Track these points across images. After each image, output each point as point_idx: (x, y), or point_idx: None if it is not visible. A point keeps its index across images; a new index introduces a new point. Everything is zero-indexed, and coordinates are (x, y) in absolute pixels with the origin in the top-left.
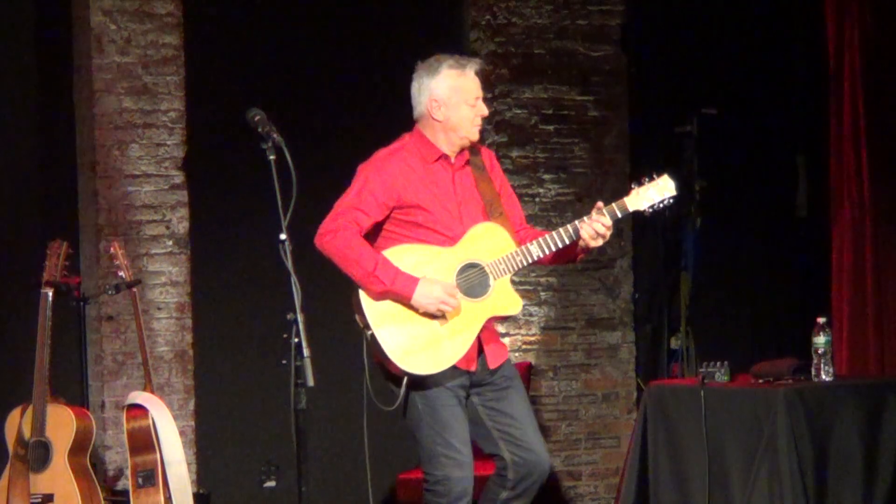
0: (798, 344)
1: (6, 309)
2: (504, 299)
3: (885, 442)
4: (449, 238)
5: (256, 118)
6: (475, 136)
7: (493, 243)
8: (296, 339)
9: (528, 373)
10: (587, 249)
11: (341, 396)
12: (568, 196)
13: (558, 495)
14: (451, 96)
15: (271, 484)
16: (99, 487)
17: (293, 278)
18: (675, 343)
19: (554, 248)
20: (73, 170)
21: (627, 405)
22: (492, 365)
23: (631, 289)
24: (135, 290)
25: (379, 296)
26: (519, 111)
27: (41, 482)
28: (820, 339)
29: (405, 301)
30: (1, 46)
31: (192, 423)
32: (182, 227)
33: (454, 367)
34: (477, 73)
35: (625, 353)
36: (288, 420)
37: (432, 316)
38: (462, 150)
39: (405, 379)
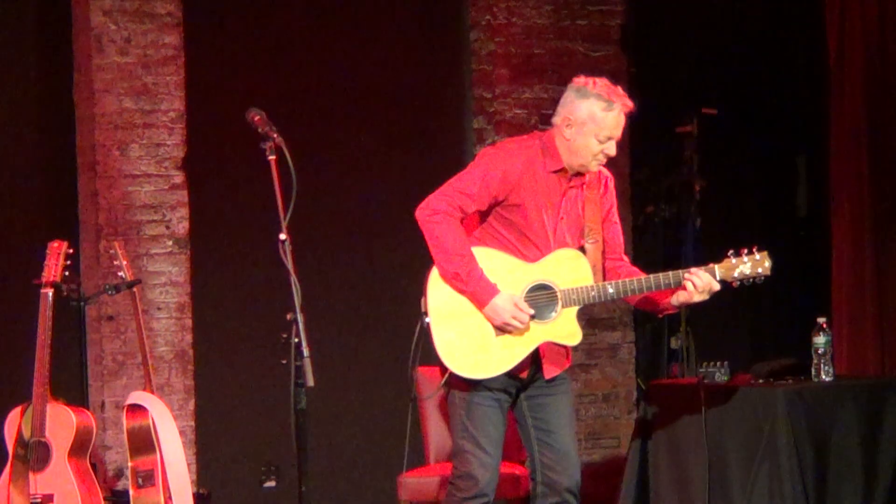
0: (798, 344)
1: (6, 309)
2: (565, 328)
3: (885, 442)
4: (536, 248)
5: (256, 118)
6: (593, 170)
7: (572, 271)
8: (296, 339)
9: None
10: (679, 304)
11: (341, 396)
12: None
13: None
14: (585, 123)
15: (271, 484)
16: (99, 487)
17: (293, 278)
18: (675, 343)
19: (631, 294)
20: (73, 170)
21: (627, 405)
22: (547, 376)
23: None
24: (135, 290)
25: (455, 290)
26: (519, 111)
27: (41, 482)
28: (820, 339)
29: (476, 306)
30: (1, 46)
31: (192, 423)
32: (182, 227)
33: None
34: (625, 115)
35: (625, 353)
36: (288, 420)
37: (493, 324)
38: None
39: (446, 374)
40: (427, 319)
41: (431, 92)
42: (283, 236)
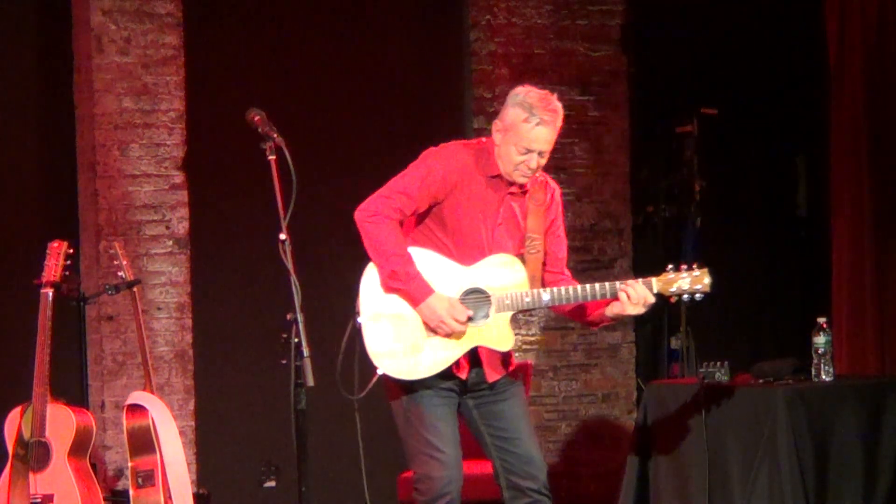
0: (798, 344)
1: (6, 309)
2: (498, 334)
3: (885, 442)
4: (472, 252)
5: (256, 118)
6: (518, 181)
7: (507, 277)
8: (296, 339)
9: (528, 373)
10: (614, 317)
11: (341, 396)
12: (568, 196)
13: (558, 495)
14: (508, 130)
15: (271, 484)
16: (99, 487)
17: (293, 278)
18: (675, 343)
19: (565, 302)
20: (73, 170)
21: (627, 405)
22: (489, 380)
23: None
24: (135, 290)
25: (386, 288)
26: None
27: (41, 482)
28: (820, 339)
29: (411, 304)
30: (1, 46)
31: (192, 423)
32: (182, 227)
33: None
34: (552, 129)
35: (625, 353)
36: (288, 420)
37: (426, 325)
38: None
39: (376, 375)
40: (359, 320)
41: (431, 92)
42: (283, 236)
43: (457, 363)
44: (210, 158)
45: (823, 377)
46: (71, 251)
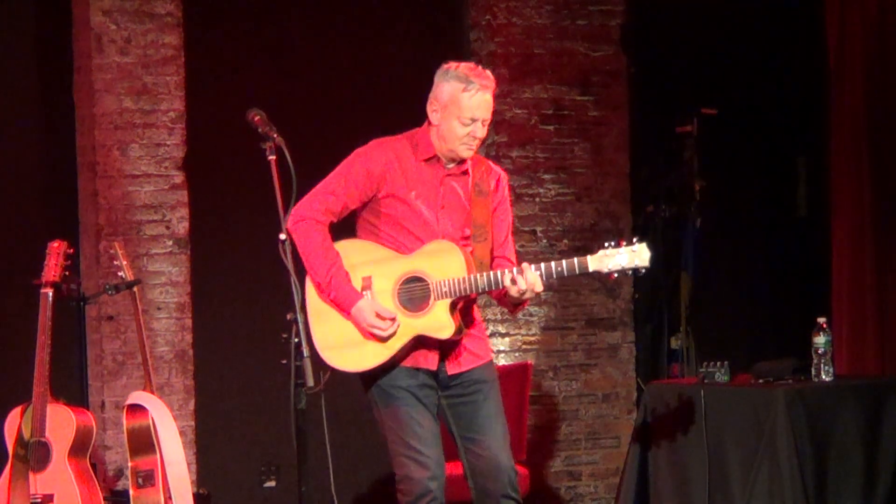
0: (798, 344)
1: (6, 309)
2: (437, 321)
3: (885, 442)
4: (417, 239)
5: (256, 118)
6: (464, 155)
7: (446, 263)
8: (296, 339)
9: (527, 373)
10: (513, 302)
11: (341, 396)
12: (568, 196)
13: (558, 495)
14: (447, 105)
15: (271, 484)
16: (99, 487)
17: (293, 278)
18: (675, 343)
19: (498, 287)
20: (73, 170)
21: (627, 405)
22: (449, 371)
23: (631, 289)
24: (135, 290)
25: (323, 300)
26: (519, 111)
27: (41, 482)
28: (820, 339)
29: (341, 313)
30: (1, 46)
31: (192, 423)
32: (182, 227)
33: (407, 368)
34: (490, 95)
35: (625, 353)
36: (288, 420)
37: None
38: (461, 161)
39: (328, 371)
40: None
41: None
42: (283, 236)
43: (423, 355)
44: (210, 158)
45: (823, 377)
46: (71, 251)
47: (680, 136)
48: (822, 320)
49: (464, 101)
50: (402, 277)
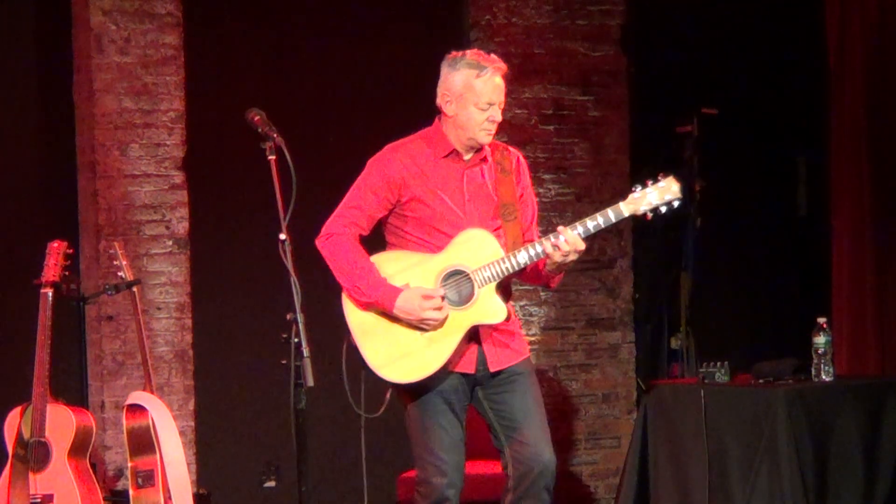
0: (798, 344)
1: (6, 309)
2: (487, 308)
3: (885, 442)
4: (450, 237)
5: (256, 118)
6: (484, 140)
7: (481, 249)
8: (296, 339)
9: None
10: (557, 269)
11: (341, 396)
12: (568, 196)
13: (558, 495)
14: (462, 94)
15: (271, 484)
16: (99, 487)
17: (293, 278)
18: (675, 343)
19: (538, 256)
20: (73, 170)
21: (627, 405)
22: (492, 368)
23: (631, 289)
24: (135, 290)
25: (364, 306)
26: (519, 111)
27: (41, 482)
28: (820, 339)
29: (387, 311)
30: (1, 46)
31: (192, 423)
32: (182, 227)
33: (449, 372)
34: (501, 77)
35: (625, 353)
36: (288, 420)
37: (412, 325)
38: (479, 149)
39: (389, 388)
40: (351, 339)
41: (432, 92)
42: (283, 236)
43: (462, 357)
44: (210, 158)
45: (823, 377)
46: (71, 251)
47: (680, 136)
48: (822, 320)
49: (478, 86)
50: (441, 275)
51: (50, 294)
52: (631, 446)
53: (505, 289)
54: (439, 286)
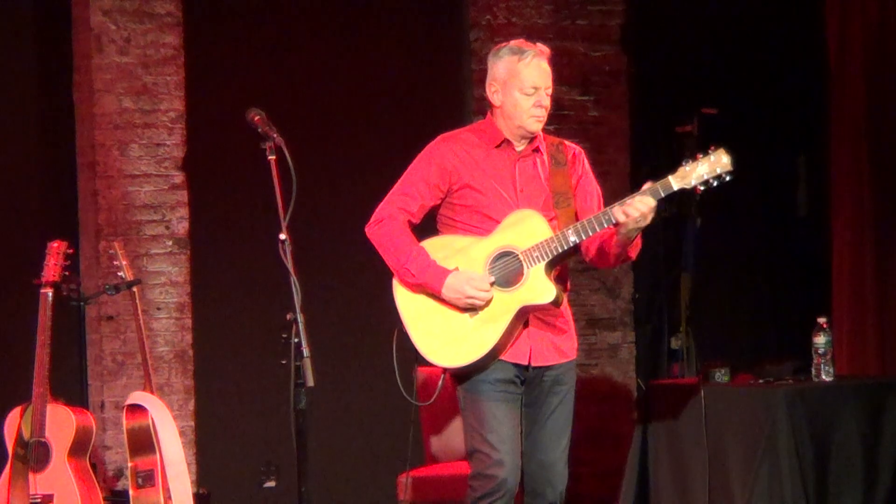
0: (798, 344)
1: (6, 309)
2: (536, 287)
3: (885, 442)
4: (499, 222)
5: (256, 118)
6: (533, 128)
7: (530, 229)
8: (296, 339)
9: None
10: (628, 237)
11: (341, 396)
12: None
13: None
14: (506, 81)
15: (271, 484)
16: (99, 487)
17: (293, 278)
18: (675, 343)
19: (591, 232)
20: (73, 170)
21: (627, 405)
22: (534, 362)
23: (631, 289)
24: (135, 290)
25: (413, 288)
26: None
27: (41, 482)
28: (820, 339)
29: (436, 294)
30: (1, 46)
31: (192, 423)
32: (182, 227)
33: (501, 360)
34: (546, 61)
35: (625, 353)
36: (288, 420)
37: (463, 308)
38: (532, 139)
39: (443, 375)
40: (401, 325)
41: (431, 92)
42: (283, 236)
43: (514, 346)
44: (210, 158)
45: (823, 377)
46: (71, 251)
47: (680, 136)
48: (822, 320)
49: (522, 70)
50: (490, 256)
51: (50, 294)
52: (631, 446)
53: (561, 279)
54: (488, 267)
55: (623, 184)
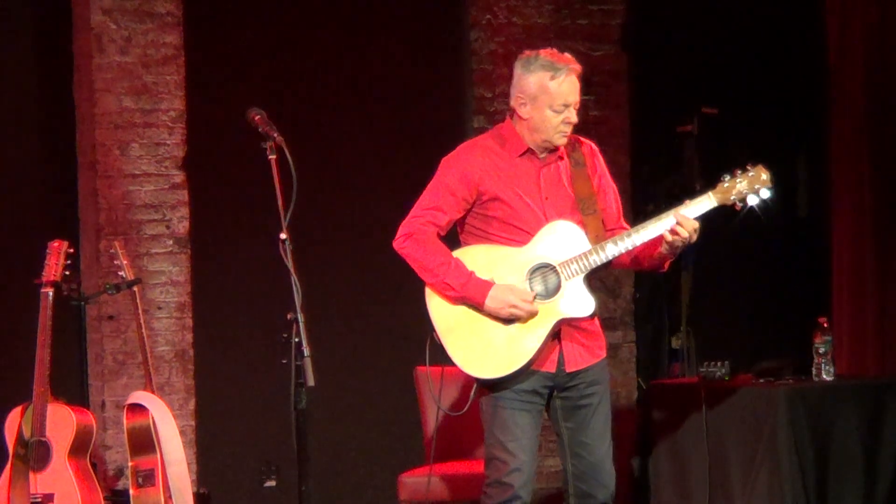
0: (798, 344)
1: (6, 309)
2: (575, 300)
3: (885, 442)
4: (528, 235)
5: (256, 118)
6: (559, 142)
7: (566, 242)
8: (296, 339)
9: None
10: (672, 251)
11: (341, 396)
12: None
13: (557, 495)
14: (537, 96)
15: (271, 484)
16: (99, 487)
17: (293, 278)
18: (675, 343)
19: (630, 247)
20: (73, 169)
21: (627, 405)
22: (568, 368)
23: (631, 289)
24: (135, 289)
25: (451, 300)
26: None
27: (41, 482)
28: (820, 339)
29: (478, 306)
30: (1, 46)
31: (192, 423)
32: (182, 226)
33: (532, 370)
34: (577, 77)
35: (625, 353)
36: (288, 420)
37: (501, 320)
38: (554, 149)
39: (475, 385)
40: (436, 337)
41: (431, 92)
42: (283, 236)
43: (545, 355)
44: (210, 158)
45: (824, 377)
46: (71, 251)
47: (680, 136)
48: (822, 320)
49: (553, 88)
50: (528, 269)
51: (50, 293)
52: (631, 446)
53: (590, 284)
54: (526, 279)
55: (623, 184)
